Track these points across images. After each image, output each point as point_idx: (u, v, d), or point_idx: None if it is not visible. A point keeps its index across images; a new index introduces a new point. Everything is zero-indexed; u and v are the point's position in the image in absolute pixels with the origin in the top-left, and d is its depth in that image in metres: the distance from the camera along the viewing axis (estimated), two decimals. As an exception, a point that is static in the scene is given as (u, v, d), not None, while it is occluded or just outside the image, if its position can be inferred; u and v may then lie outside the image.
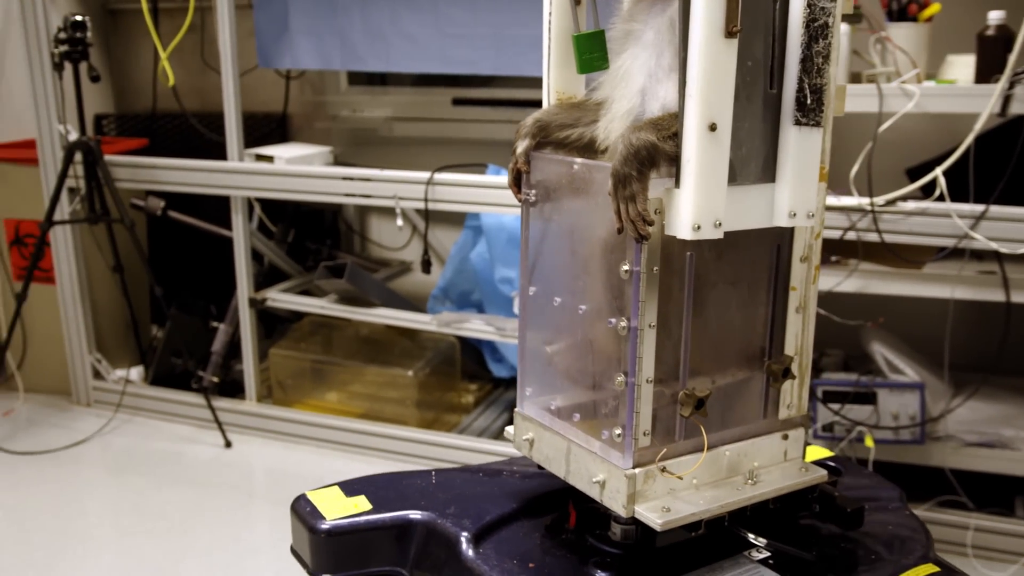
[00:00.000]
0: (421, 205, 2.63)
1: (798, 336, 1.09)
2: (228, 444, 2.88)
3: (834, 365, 2.56)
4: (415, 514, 1.10)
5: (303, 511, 1.11)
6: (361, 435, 2.84)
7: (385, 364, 2.99)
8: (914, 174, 2.33)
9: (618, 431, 0.99)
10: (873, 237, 2.21)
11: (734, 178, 0.97)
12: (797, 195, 0.99)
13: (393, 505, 1.11)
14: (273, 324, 3.33)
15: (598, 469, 1.01)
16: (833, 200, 2.24)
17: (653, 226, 0.94)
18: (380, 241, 3.49)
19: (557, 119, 1.08)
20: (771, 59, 0.98)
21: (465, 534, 1.06)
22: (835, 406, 2.34)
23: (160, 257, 3.35)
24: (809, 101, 0.97)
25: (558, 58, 1.11)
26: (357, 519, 1.09)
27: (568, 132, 1.08)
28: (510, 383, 3.09)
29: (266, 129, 3.37)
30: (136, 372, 3.22)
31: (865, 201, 2.20)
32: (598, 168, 1.00)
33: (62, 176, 2.80)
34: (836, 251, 2.35)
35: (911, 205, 2.18)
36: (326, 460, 2.82)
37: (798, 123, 0.98)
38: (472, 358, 3.13)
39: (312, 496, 1.14)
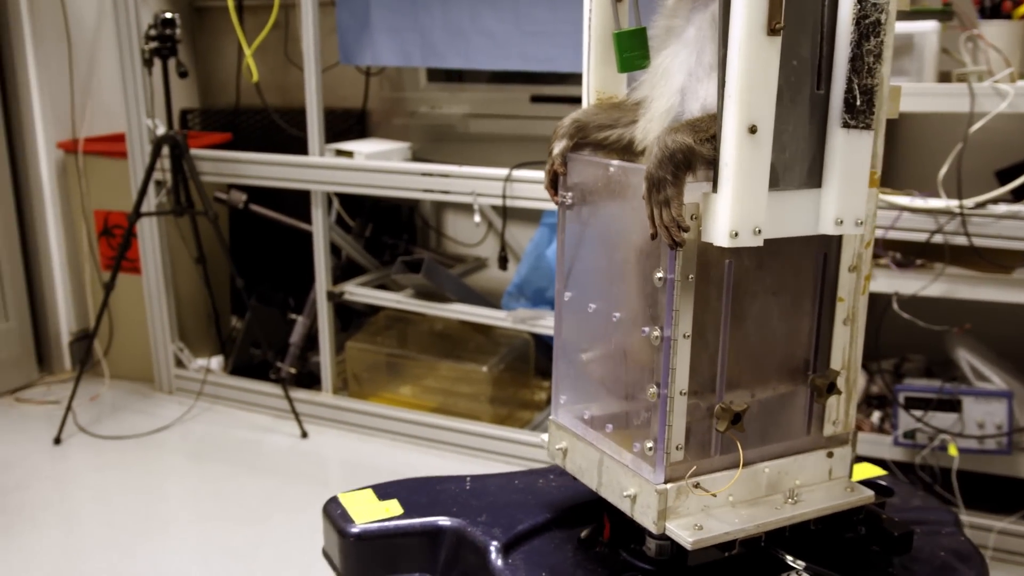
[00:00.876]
0: (498, 201, 2.62)
1: (845, 349, 1.03)
2: (304, 434, 2.93)
3: (917, 371, 2.47)
4: (445, 521, 1.08)
5: (334, 514, 1.11)
6: (434, 429, 2.85)
7: (459, 359, 3.00)
8: (1005, 176, 2.22)
9: (650, 444, 0.96)
10: (961, 240, 2.12)
11: (776, 183, 0.92)
12: (845, 201, 0.94)
13: (425, 511, 1.10)
14: (349, 317, 3.37)
15: (629, 483, 0.98)
16: (920, 202, 2.15)
17: (688, 232, 0.90)
18: (456, 237, 3.49)
19: (596, 119, 1.06)
20: (819, 58, 0.92)
21: (495, 543, 1.05)
22: (918, 413, 2.24)
23: (240, 249, 3.42)
24: (859, 103, 0.92)
25: (598, 57, 1.08)
26: (387, 524, 1.08)
27: (607, 133, 1.04)
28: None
29: (345, 125, 3.41)
30: (216, 361, 3.29)
31: (954, 203, 2.10)
32: (634, 171, 0.96)
33: (150, 169, 2.88)
34: (922, 254, 2.25)
35: (1002, 208, 2.07)
36: (399, 453, 2.84)
37: (846, 125, 0.93)
38: (546, 355, 3.11)
39: (344, 499, 1.14)
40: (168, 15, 2.86)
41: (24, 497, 2.56)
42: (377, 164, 2.80)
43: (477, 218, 2.68)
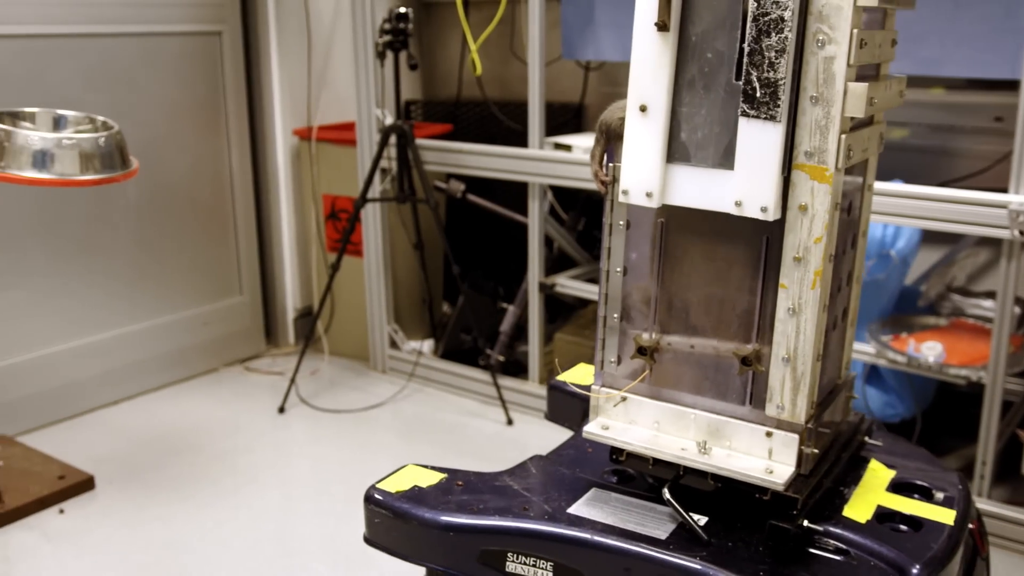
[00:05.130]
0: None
1: (790, 338, 1.08)
2: (510, 421, 2.99)
3: None
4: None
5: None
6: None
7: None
8: None
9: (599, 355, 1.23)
10: None
11: (687, 159, 1.08)
12: (747, 186, 1.03)
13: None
14: (558, 309, 3.41)
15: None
16: None
17: (606, 183, 1.16)
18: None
19: (616, 115, 1.17)
20: (737, 52, 1.02)
21: None
22: None
23: (455, 237, 3.52)
24: (759, 94, 1.00)
25: None
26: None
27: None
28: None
29: (562, 119, 3.45)
30: (427, 345, 3.41)
31: None
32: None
33: (377, 157, 3.01)
34: None
35: None
36: (601, 447, 2.86)
37: (745, 114, 1.01)
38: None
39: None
40: (402, 9, 2.97)
41: (251, 460, 2.73)
42: (596, 159, 2.82)
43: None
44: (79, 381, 3.01)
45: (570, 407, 1.57)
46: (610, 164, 1.15)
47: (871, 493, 1.25)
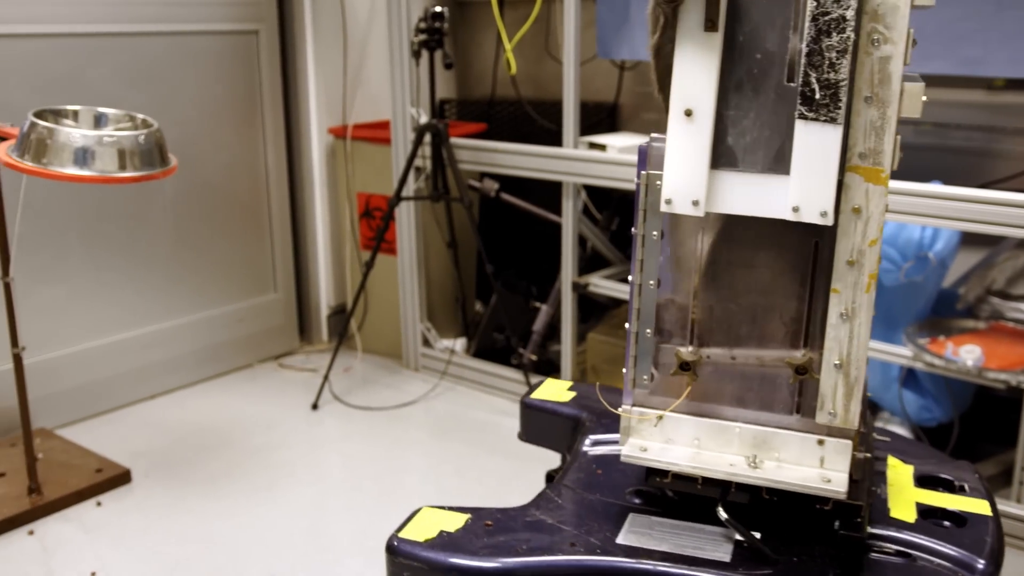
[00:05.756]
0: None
1: (843, 344, 1.06)
2: (540, 421, 2.98)
3: None
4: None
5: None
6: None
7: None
8: None
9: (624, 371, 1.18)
10: None
11: (734, 164, 1.04)
12: (804, 191, 1.00)
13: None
14: (590, 309, 3.40)
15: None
16: None
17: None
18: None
19: None
20: (789, 53, 1.00)
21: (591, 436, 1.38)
22: None
23: (487, 236, 3.53)
24: (818, 96, 0.97)
25: None
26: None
27: None
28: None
29: (596, 118, 3.44)
30: (460, 343, 3.41)
31: None
32: None
33: (412, 156, 3.02)
34: None
35: None
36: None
37: (803, 117, 0.98)
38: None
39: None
40: (438, 8, 2.98)
41: (285, 456, 2.75)
42: (630, 158, 2.81)
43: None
44: (116, 376, 3.05)
45: (548, 426, 1.53)
46: None
47: (904, 491, 1.25)
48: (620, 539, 1.16)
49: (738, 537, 1.13)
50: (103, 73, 2.88)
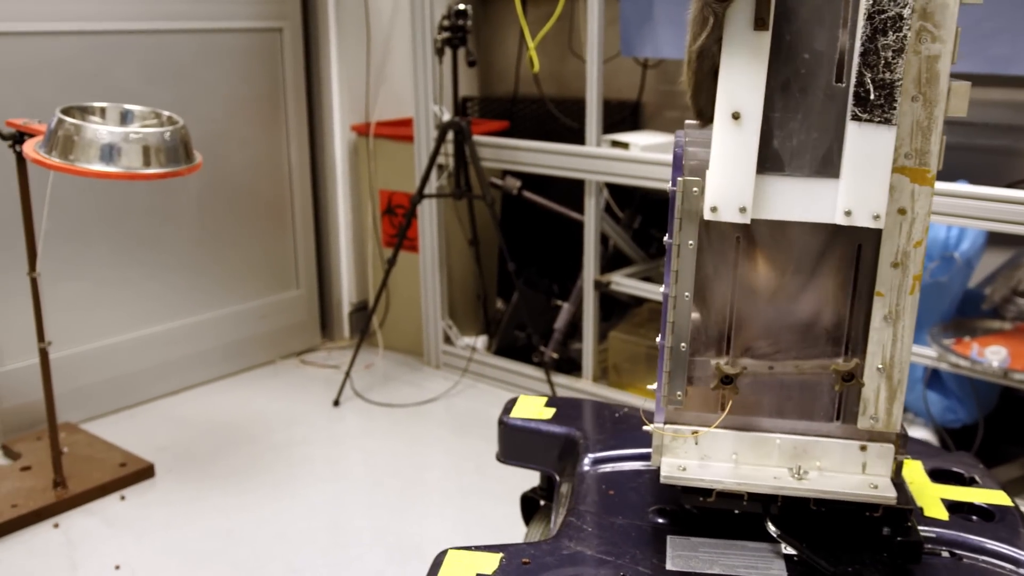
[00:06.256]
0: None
1: (886, 347, 1.05)
2: (561, 419, 2.98)
3: None
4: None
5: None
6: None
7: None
8: None
9: (652, 387, 1.14)
10: None
11: (780, 168, 1.01)
12: (857, 194, 0.99)
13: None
14: (612, 307, 3.40)
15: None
16: None
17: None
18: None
19: None
20: (838, 52, 0.96)
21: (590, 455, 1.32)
22: None
23: (510, 234, 3.53)
24: (873, 96, 0.95)
25: None
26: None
27: None
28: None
29: (619, 116, 3.44)
30: (481, 341, 3.42)
31: None
32: None
33: (435, 153, 3.03)
34: None
35: None
36: (654, 447, 2.84)
37: (856, 118, 0.96)
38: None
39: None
40: (462, 6, 2.98)
41: (307, 452, 2.76)
42: (653, 156, 2.80)
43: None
44: (140, 371, 3.07)
45: (531, 446, 1.48)
46: None
47: (925, 488, 1.24)
48: (670, 565, 1.11)
49: (786, 551, 1.11)
50: (129, 70, 2.90)
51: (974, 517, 1.18)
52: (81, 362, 2.92)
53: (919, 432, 2.57)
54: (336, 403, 3.08)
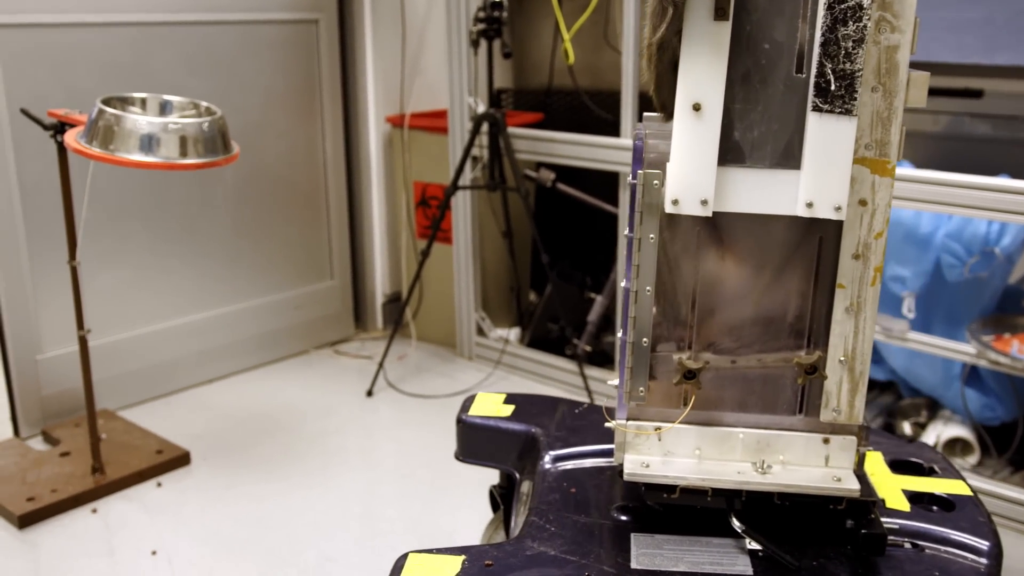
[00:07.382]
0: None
1: (848, 339, 1.05)
2: (593, 412, 2.98)
3: None
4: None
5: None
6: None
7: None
8: None
9: (614, 382, 1.13)
10: None
11: (742, 160, 1.00)
12: (817, 185, 0.98)
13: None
14: (644, 301, 3.38)
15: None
16: None
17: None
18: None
19: None
20: (799, 43, 0.96)
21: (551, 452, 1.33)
22: None
23: (544, 226, 3.52)
24: (834, 87, 0.94)
25: None
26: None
27: None
28: (885, 386, 2.90)
29: (651, 108, 3.41)
30: (514, 333, 3.42)
31: None
32: None
33: (469, 145, 3.03)
34: None
35: None
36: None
37: (817, 109, 0.96)
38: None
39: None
40: (497, -2, 2.98)
41: (340, 442, 2.78)
42: (689, 149, 2.78)
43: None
44: (177, 359, 3.11)
45: (490, 444, 1.47)
46: None
47: (885, 479, 1.25)
48: (635, 564, 1.11)
49: (752, 546, 1.11)
50: (168, 61, 2.92)
51: (935, 507, 1.18)
52: (119, 350, 2.95)
53: (957, 430, 2.54)
54: (369, 393, 3.09)
